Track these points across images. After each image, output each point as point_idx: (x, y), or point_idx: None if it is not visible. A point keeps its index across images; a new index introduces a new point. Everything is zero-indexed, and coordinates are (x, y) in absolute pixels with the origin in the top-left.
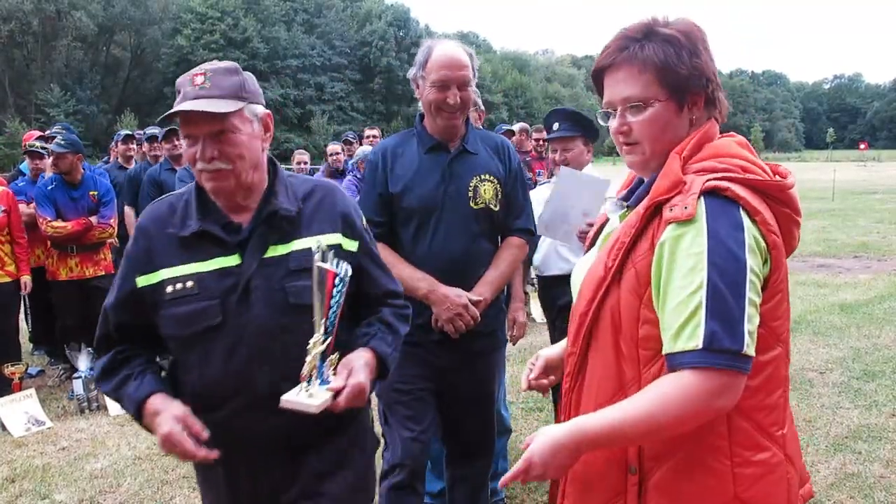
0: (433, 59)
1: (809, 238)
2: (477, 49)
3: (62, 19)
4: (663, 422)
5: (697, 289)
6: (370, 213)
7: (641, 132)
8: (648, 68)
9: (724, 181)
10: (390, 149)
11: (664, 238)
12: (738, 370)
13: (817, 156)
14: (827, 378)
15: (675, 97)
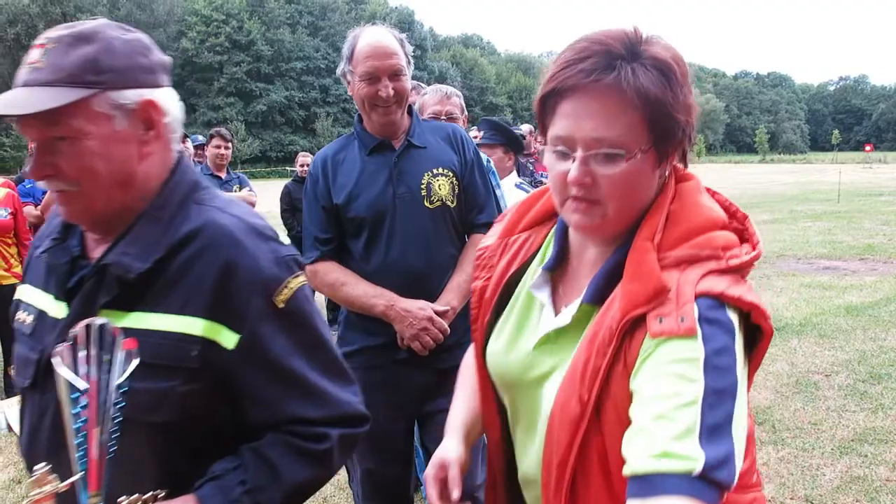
0: (358, 49)
1: (815, 240)
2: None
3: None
4: None
5: (690, 403)
6: (316, 230)
7: (611, 190)
8: (639, 104)
9: (713, 278)
10: (330, 157)
11: (646, 349)
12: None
13: (822, 157)
14: (832, 381)
15: (658, 147)
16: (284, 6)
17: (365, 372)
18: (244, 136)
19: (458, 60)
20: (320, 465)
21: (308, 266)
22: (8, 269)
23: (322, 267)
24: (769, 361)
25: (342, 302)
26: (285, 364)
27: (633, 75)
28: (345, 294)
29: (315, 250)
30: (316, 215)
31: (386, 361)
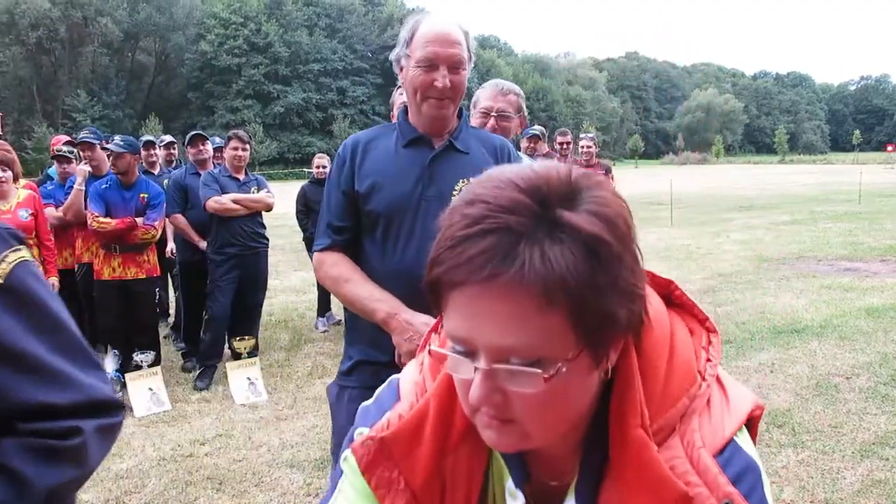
0: (420, 33)
1: (836, 241)
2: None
3: (89, 26)
4: None
5: None
6: (332, 216)
7: (527, 412)
8: (555, 302)
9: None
10: (363, 142)
11: None
12: None
13: (843, 158)
14: (853, 383)
15: (592, 348)
16: (302, 9)
17: (361, 393)
18: (262, 138)
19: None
20: (75, 464)
21: (316, 253)
22: None
23: (330, 257)
24: (789, 363)
25: (342, 300)
26: (14, 345)
27: (542, 262)
28: (346, 291)
29: (326, 237)
30: (335, 200)
31: (377, 381)
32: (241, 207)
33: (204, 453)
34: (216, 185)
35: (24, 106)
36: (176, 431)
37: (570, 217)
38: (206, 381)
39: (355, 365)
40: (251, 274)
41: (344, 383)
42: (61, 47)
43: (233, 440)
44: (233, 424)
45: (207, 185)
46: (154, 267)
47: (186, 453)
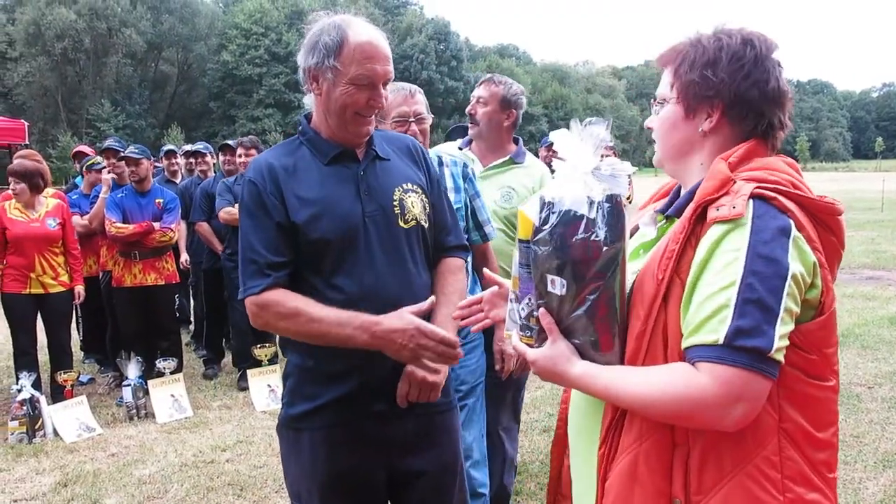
0: (353, 47)
1: (858, 250)
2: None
3: (113, 37)
4: (669, 412)
5: (730, 284)
6: (266, 251)
7: (656, 128)
8: (671, 69)
9: (774, 191)
10: (278, 166)
11: (706, 237)
12: (762, 373)
13: (866, 165)
14: (875, 393)
15: (682, 101)
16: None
17: (330, 431)
18: None
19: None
20: None
21: (251, 299)
22: (55, 277)
23: (275, 296)
24: None
25: (307, 336)
26: None
27: (672, 51)
28: (311, 328)
29: (262, 277)
30: (265, 235)
31: (356, 415)
32: None
33: (225, 459)
34: (229, 195)
35: (49, 115)
36: (197, 438)
37: (702, 36)
38: (246, 383)
39: (325, 405)
40: None
41: (301, 426)
42: (86, 58)
43: (253, 446)
44: (253, 431)
45: (221, 195)
46: (173, 273)
47: (208, 459)
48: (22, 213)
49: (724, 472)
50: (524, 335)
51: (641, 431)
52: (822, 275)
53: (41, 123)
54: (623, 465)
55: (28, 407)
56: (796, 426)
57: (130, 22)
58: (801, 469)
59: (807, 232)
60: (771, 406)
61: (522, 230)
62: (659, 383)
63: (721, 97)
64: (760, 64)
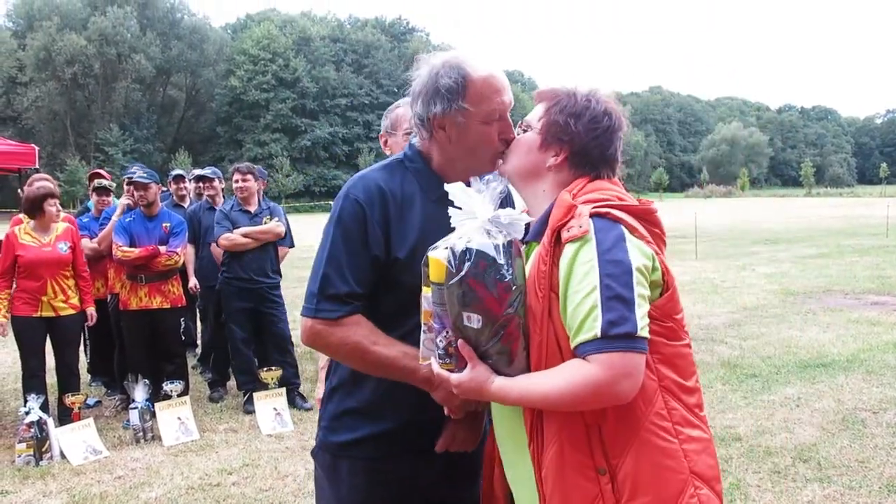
0: (479, 82)
1: (863, 275)
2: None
3: (122, 62)
4: (573, 404)
5: (592, 290)
6: (357, 283)
7: (513, 146)
8: (545, 105)
9: (606, 207)
10: (389, 190)
11: (563, 255)
12: (636, 350)
13: (870, 191)
14: (881, 418)
15: (542, 134)
16: (329, 45)
17: (370, 464)
18: (288, 171)
19: None
20: None
21: (318, 322)
22: (66, 300)
23: (350, 321)
24: (815, 398)
25: (370, 365)
26: None
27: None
28: (374, 357)
29: (345, 305)
30: (359, 264)
31: (400, 450)
32: (251, 241)
33: (231, 482)
34: (227, 222)
35: (58, 140)
36: (204, 460)
37: (578, 94)
38: (251, 406)
39: (365, 438)
40: (265, 306)
41: (342, 453)
42: (95, 83)
43: (259, 470)
44: (259, 454)
45: (219, 222)
46: (179, 297)
47: (214, 482)
48: (34, 237)
49: (630, 434)
50: (444, 363)
51: (559, 423)
52: (659, 259)
53: (50, 147)
54: (552, 454)
55: (36, 429)
56: (671, 381)
57: (140, 48)
58: (682, 414)
59: (639, 232)
60: (649, 370)
61: (435, 274)
62: (561, 381)
63: (571, 144)
64: (610, 134)
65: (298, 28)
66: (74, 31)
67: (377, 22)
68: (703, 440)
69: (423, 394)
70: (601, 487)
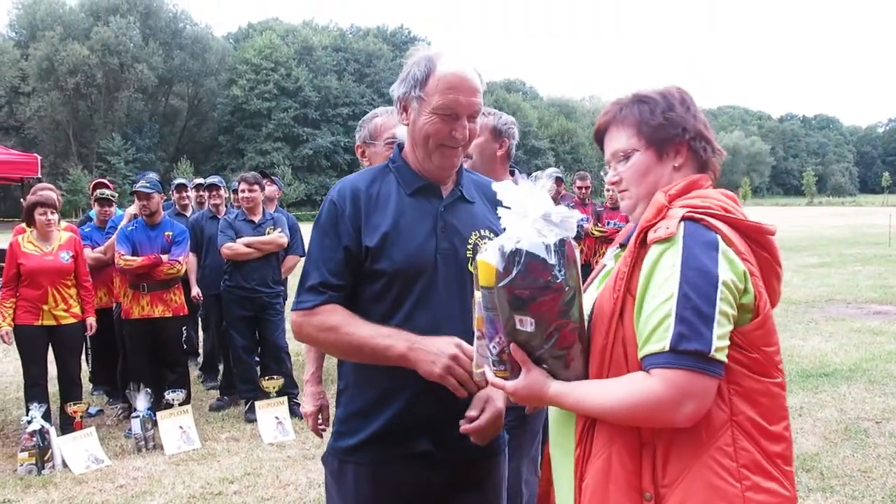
0: (439, 77)
1: (865, 284)
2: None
3: (125, 72)
4: (630, 418)
5: (669, 297)
6: (329, 273)
7: (628, 179)
8: (628, 123)
9: (703, 213)
10: (363, 189)
11: (647, 257)
12: (705, 372)
13: (872, 200)
14: (883, 428)
15: (653, 146)
16: (331, 54)
17: (374, 469)
18: (290, 180)
19: (500, 105)
20: None
21: (300, 313)
22: (67, 309)
23: (325, 308)
24: (818, 407)
25: (346, 348)
26: None
27: (621, 111)
28: (350, 338)
29: (318, 295)
30: (332, 256)
31: (400, 454)
32: (253, 251)
33: (233, 491)
34: (230, 231)
35: (60, 149)
36: (205, 469)
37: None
38: (253, 415)
39: (366, 441)
40: (266, 314)
41: (347, 458)
42: (98, 92)
43: (261, 479)
44: (261, 463)
45: (223, 231)
46: (181, 306)
47: (216, 491)
48: (36, 246)
49: (685, 464)
50: (499, 370)
51: (612, 434)
52: (753, 282)
53: (52, 157)
54: (598, 465)
55: (38, 438)
56: (748, 419)
57: (142, 57)
58: (755, 459)
59: (735, 246)
60: (722, 401)
61: (484, 277)
62: (618, 392)
63: (686, 132)
64: (691, 104)
65: (300, 37)
66: (77, 40)
67: (379, 31)
68: (781, 496)
69: (415, 391)
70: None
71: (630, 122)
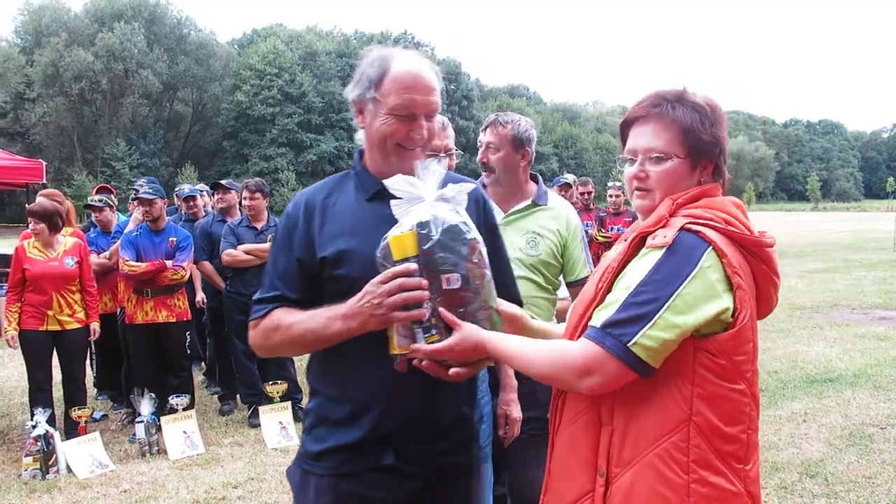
0: (393, 76)
1: (870, 290)
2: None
3: (130, 77)
4: (543, 373)
5: (627, 287)
6: (282, 284)
7: (657, 181)
8: (675, 127)
9: (702, 225)
10: (319, 200)
11: (637, 256)
12: (618, 357)
13: (877, 205)
14: (888, 434)
15: (692, 158)
16: (335, 60)
17: (335, 481)
18: (294, 186)
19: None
20: None
21: (253, 322)
22: (72, 314)
23: (270, 315)
24: (822, 413)
25: (292, 345)
26: None
27: (673, 110)
28: (291, 332)
29: (266, 305)
30: (285, 268)
31: (364, 466)
32: (253, 258)
33: (236, 496)
34: (232, 237)
35: (65, 155)
36: (209, 474)
37: (690, 97)
38: (256, 420)
39: (329, 450)
40: None
41: (310, 468)
42: (102, 98)
43: (265, 484)
44: (265, 468)
45: (225, 237)
46: (185, 311)
47: (219, 496)
48: (41, 251)
49: (639, 450)
50: (430, 336)
51: (577, 409)
52: (738, 296)
53: (57, 162)
54: (565, 436)
55: (42, 443)
56: (705, 420)
57: (147, 63)
58: (706, 456)
59: (728, 259)
60: (683, 401)
61: (403, 250)
62: (544, 350)
63: (721, 152)
64: (725, 121)
65: (304, 43)
66: (82, 46)
67: (383, 37)
68: (724, 491)
69: (384, 403)
70: (595, 488)
71: (677, 126)
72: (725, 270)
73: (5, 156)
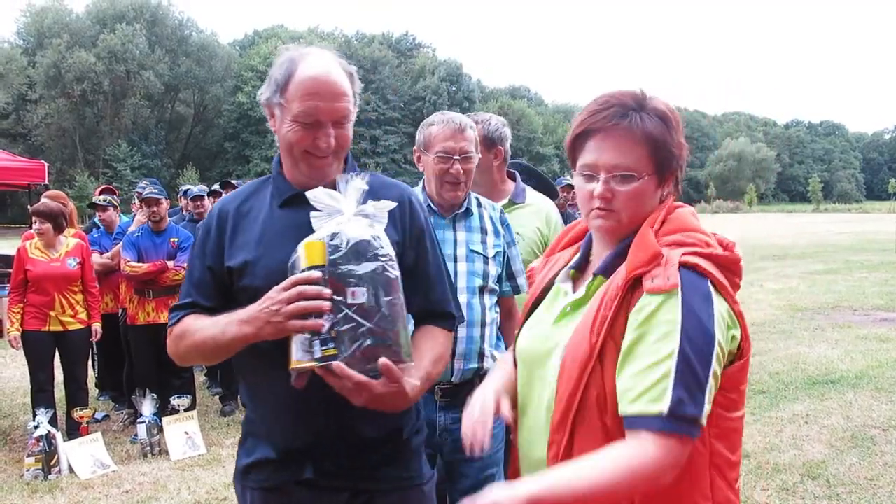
0: (298, 80)
1: (871, 292)
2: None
3: (131, 79)
4: (627, 491)
5: (668, 356)
6: (196, 293)
7: (624, 203)
8: (646, 142)
9: (695, 256)
10: (232, 208)
11: (641, 306)
12: (692, 437)
13: (879, 206)
14: (890, 436)
15: (658, 175)
16: None
17: (264, 494)
18: None
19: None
20: None
21: (171, 329)
22: (74, 315)
23: (184, 320)
24: (824, 414)
25: (197, 353)
26: None
27: (641, 122)
28: (193, 339)
29: (179, 312)
30: (199, 276)
31: (288, 480)
32: None
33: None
34: None
35: (67, 156)
36: (210, 475)
37: (650, 102)
38: (231, 407)
39: (256, 463)
40: None
41: (244, 482)
42: (104, 99)
43: None
44: None
45: None
46: None
47: (221, 497)
48: (43, 252)
49: None
50: (327, 348)
51: None
52: (741, 323)
53: (59, 163)
54: None
55: (44, 443)
56: (720, 457)
57: (148, 65)
58: (725, 493)
59: (726, 289)
60: (702, 444)
61: (308, 259)
62: (613, 467)
63: (681, 165)
64: None
65: (306, 44)
66: (84, 48)
67: (384, 38)
68: None
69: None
70: None
71: (644, 140)
72: (726, 301)
73: (7, 157)
